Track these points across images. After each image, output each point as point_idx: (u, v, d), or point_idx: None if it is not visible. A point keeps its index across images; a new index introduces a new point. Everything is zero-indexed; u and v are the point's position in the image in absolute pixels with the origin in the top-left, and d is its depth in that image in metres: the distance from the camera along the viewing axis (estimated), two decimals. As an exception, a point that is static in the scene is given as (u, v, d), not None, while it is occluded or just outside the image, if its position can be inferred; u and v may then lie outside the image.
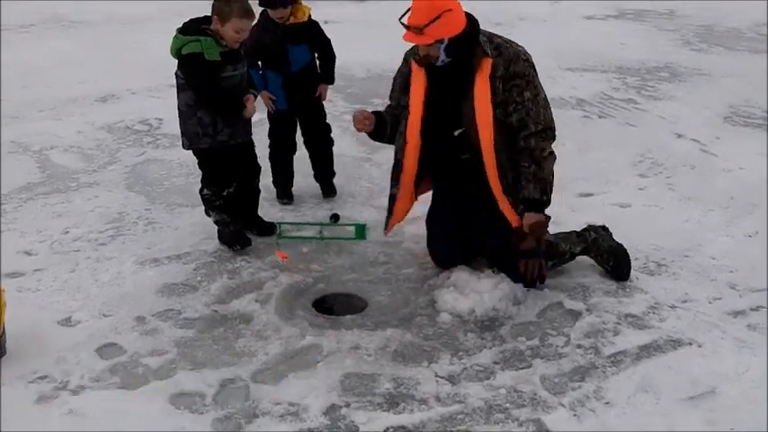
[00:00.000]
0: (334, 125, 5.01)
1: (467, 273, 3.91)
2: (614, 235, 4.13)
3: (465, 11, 3.74)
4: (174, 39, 4.05)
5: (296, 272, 4.12)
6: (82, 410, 3.15)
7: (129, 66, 7.71)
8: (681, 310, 3.78)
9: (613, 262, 4.04)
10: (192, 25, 4.05)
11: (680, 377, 3.31)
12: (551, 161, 3.78)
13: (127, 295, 3.93)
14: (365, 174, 5.31)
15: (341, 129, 5.47)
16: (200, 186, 4.34)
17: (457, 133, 3.87)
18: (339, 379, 3.33)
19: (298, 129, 4.94)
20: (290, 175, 4.99)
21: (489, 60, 3.71)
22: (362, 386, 3.30)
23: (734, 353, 3.46)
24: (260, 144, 4.60)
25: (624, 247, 4.07)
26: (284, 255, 4.16)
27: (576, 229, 4.13)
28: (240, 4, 3.96)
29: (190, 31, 4.02)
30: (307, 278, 4.08)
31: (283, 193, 4.96)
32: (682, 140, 5.90)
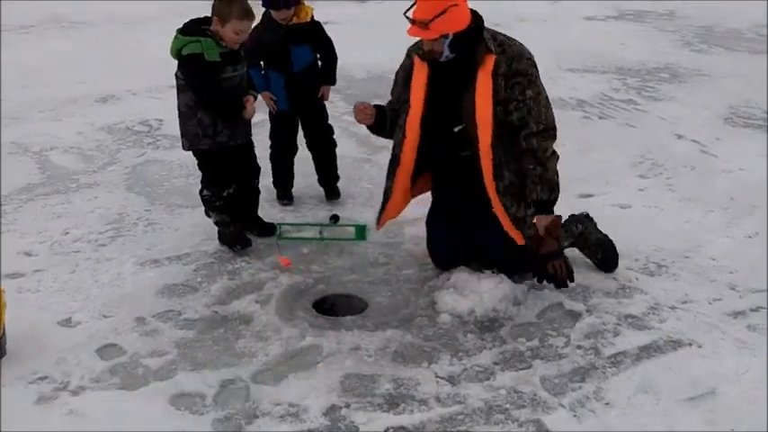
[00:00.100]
0: (334, 126, 5.00)
1: (467, 274, 3.91)
2: (614, 236, 4.12)
3: (470, 7, 3.72)
4: (174, 39, 4.05)
5: (296, 273, 4.12)
6: (82, 411, 3.15)
7: (129, 66, 7.70)
8: (681, 311, 3.78)
9: (601, 255, 4.05)
10: (192, 26, 4.04)
11: (680, 378, 3.31)
12: (555, 161, 3.78)
13: (127, 296, 3.93)
14: (365, 174, 5.31)
15: (341, 129, 5.48)
16: (200, 187, 4.34)
17: (457, 130, 3.85)
18: (339, 380, 3.33)
19: (299, 130, 4.94)
20: (291, 176, 4.99)
21: (492, 57, 3.69)
22: (362, 387, 3.30)
23: (734, 353, 3.46)
24: (260, 145, 4.60)
25: (609, 238, 4.07)
26: (288, 262, 4.15)
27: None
28: (240, 6, 3.96)
29: (190, 32, 4.02)
30: (307, 279, 4.08)
31: (283, 194, 4.96)
32: (682, 141, 5.90)
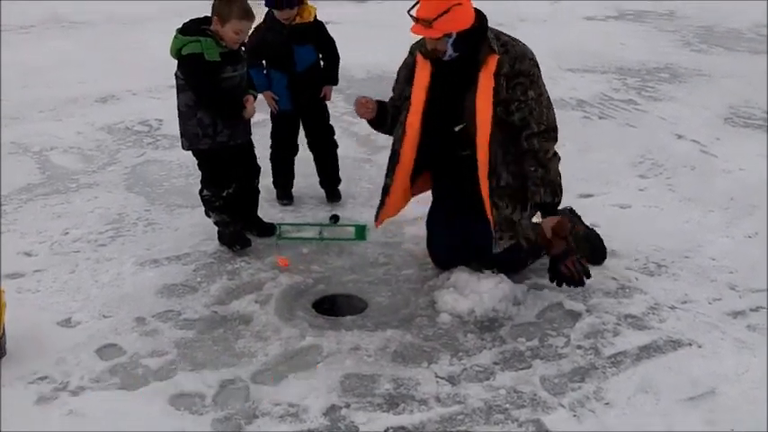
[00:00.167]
0: (334, 126, 4.99)
1: (467, 273, 3.91)
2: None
3: (474, 6, 3.71)
4: (174, 39, 4.05)
5: (296, 273, 4.11)
6: (82, 411, 3.15)
7: (129, 66, 7.70)
8: (681, 311, 3.78)
9: (590, 248, 4.05)
10: (192, 26, 4.04)
11: (680, 378, 3.31)
12: (556, 162, 3.77)
13: (127, 296, 3.93)
14: (365, 175, 5.31)
15: (341, 129, 5.47)
16: (199, 187, 4.34)
17: (458, 129, 3.85)
18: (339, 380, 3.33)
19: (300, 130, 4.93)
20: (291, 176, 4.99)
21: (495, 57, 3.68)
22: (362, 387, 3.30)
23: (734, 353, 3.46)
24: (260, 144, 4.60)
25: (596, 232, 4.06)
26: (285, 262, 4.15)
27: None
28: (240, 5, 3.96)
29: (190, 32, 4.02)
30: (307, 279, 4.08)
31: (283, 194, 4.96)
32: (682, 141, 5.90)
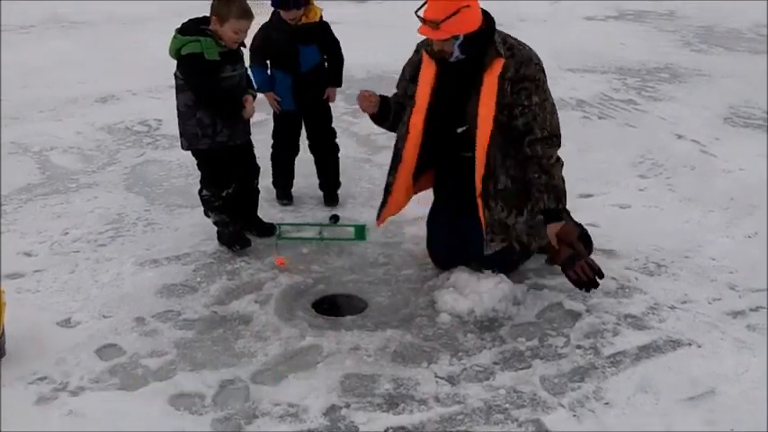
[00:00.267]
0: (334, 126, 4.99)
1: (466, 273, 3.91)
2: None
3: (482, 8, 3.70)
4: (173, 39, 4.05)
5: (296, 273, 4.11)
6: (81, 411, 3.15)
7: (129, 66, 7.70)
8: (680, 311, 3.78)
9: None
10: (191, 26, 4.04)
11: (679, 378, 3.31)
12: (559, 168, 3.75)
13: (126, 296, 3.93)
14: (365, 175, 5.31)
15: (341, 129, 5.46)
16: (199, 187, 4.34)
17: (460, 131, 3.85)
18: (339, 380, 3.33)
19: (302, 131, 4.92)
20: (291, 177, 4.98)
21: (501, 60, 3.67)
22: (362, 387, 3.30)
23: (733, 353, 3.46)
24: (260, 144, 4.60)
25: (585, 228, 4.07)
26: (283, 261, 4.15)
27: None
28: (239, 5, 3.96)
29: (189, 32, 4.02)
30: (306, 279, 4.08)
31: (283, 194, 4.96)
32: (682, 141, 5.90)
